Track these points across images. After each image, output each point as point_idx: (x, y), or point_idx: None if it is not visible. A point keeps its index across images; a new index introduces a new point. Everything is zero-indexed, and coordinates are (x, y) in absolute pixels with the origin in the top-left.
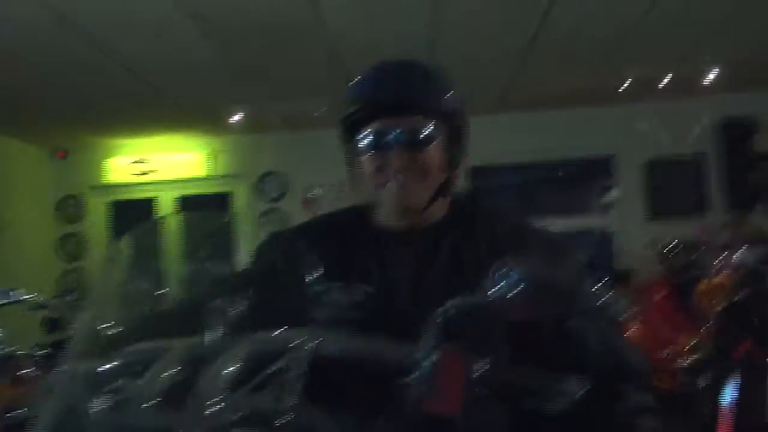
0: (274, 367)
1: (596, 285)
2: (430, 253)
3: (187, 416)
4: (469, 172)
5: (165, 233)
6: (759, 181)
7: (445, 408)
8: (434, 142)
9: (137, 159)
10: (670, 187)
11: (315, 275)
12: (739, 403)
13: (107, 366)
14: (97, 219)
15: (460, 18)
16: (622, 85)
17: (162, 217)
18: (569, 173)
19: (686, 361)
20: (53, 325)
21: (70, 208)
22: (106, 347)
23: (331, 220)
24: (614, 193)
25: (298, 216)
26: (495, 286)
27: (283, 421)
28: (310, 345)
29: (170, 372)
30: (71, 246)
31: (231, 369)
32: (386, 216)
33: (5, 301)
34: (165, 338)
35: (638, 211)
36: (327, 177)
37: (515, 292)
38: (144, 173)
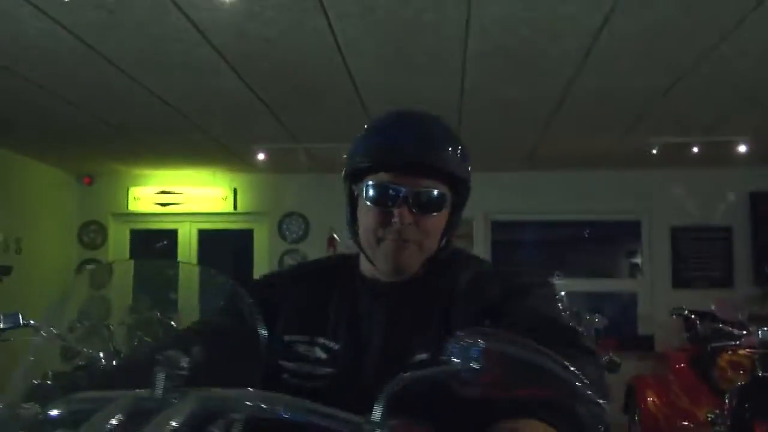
0: (209, 429)
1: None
2: (403, 312)
3: None
4: (490, 225)
5: (117, 277)
6: None
7: None
8: (444, 208)
9: (161, 189)
10: (698, 256)
11: (286, 324)
12: None
13: (50, 412)
14: (118, 246)
15: (488, 80)
16: (650, 150)
17: (113, 263)
18: (596, 234)
19: None
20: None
21: (92, 233)
22: (52, 390)
23: (316, 268)
24: (640, 258)
25: (318, 257)
26: (450, 357)
27: None
28: (252, 407)
29: (109, 425)
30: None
31: (170, 426)
32: (370, 269)
33: (10, 326)
34: (115, 387)
35: (665, 278)
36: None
37: (469, 368)
38: (167, 204)
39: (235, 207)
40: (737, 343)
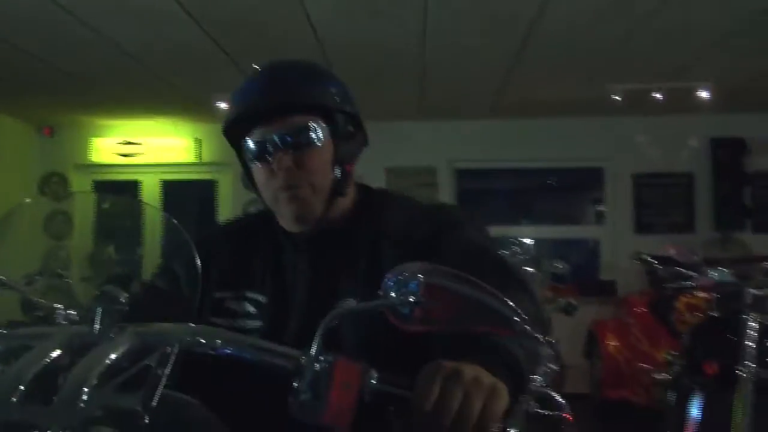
0: (139, 365)
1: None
2: (328, 261)
3: (48, 410)
4: (455, 173)
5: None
6: (747, 200)
7: (333, 421)
8: (317, 140)
9: (123, 140)
10: (659, 202)
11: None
12: (704, 422)
13: None
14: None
15: (450, 28)
16: (612, 97)
17: (73, 193)
18: (561, 181)
19: (661, 376)
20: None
21: (54, 185)
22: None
23: (246, 222)
24: (603, 205)
25: None
26: (388, 291)
27: (144, 421)
28: (189, 341)
29: (46, 360)
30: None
31: (105, 362)
32: (286, 222)
33: None
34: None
35: (626, 224)
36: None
37: (406, 302)
38: (129, 155)
39: (198, 157)
40: (693, 284)
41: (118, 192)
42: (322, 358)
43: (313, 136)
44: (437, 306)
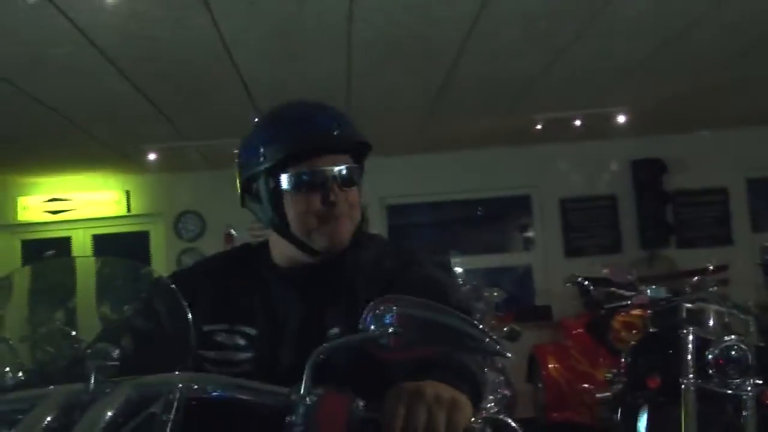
0: (144, 413)
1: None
2: (316, 293)
3: None
4: (386, 209)
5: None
6: (669, 218)
7: None
8: (359, 179)
9: (51, 197)
10: (586, 225)
11: (202, 315)
12: None
13: None
14: (6, 258)
15: (373, 68)
16: (535, 127)
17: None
18: (489, 211)
19: (603, 395)
20: None
21: None
22: None
23: (223, 260)
24: (533, 231)
25: None
26: (368, 325)
27: None
28: (184, 389)
29: (46, 420)
30: None
31: (108, 416)
32: (286, 257)
33: None
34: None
35: (556, 249)
36: (244, 216)
37: (385, 333)
38: (58, 212)
39: (128, 209)
40: (629, 303)
41: (48, 249)
42: (309, 392)
43: (358, 174)
44: (412, 333)
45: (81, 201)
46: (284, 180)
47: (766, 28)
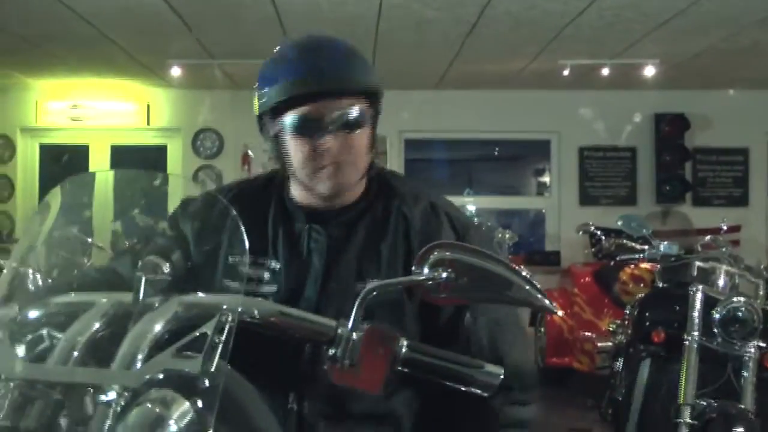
0: (198, 331)
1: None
2: (344, 235)
3: (108, 373)
4: (404, 143)
5: (98, 186)
6: (688, 175)
7: (367, 385)
8: (364, 123)
9: (72, 103)
10: (603, 175)
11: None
12: (652, 386)
13: (30, 314)
14: (27, 161)
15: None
16: (561, 72)
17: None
18: (506, 153)
19: (605, 344)
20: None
21: None
22: (33, 295)
23: (250, 188)
24: (549, 177)
25: (232, 174)
26: (420, 269)
27: (203, 385)
28: (236, 311)
29: (95, 326)
30: (0, 187)
31: (156, 329)
32: (306, 196)
33: None
34: (95, 291)
35: (572, 196)
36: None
37: (442, 277)
38: (78, 120)
39: (148, 122)
40: (641, 256)
41: (63, 154)
42: (357, 326)
43: (362, 119)
44: (464, 280)
45: (101, 110)
46: (282, 123)
47: None
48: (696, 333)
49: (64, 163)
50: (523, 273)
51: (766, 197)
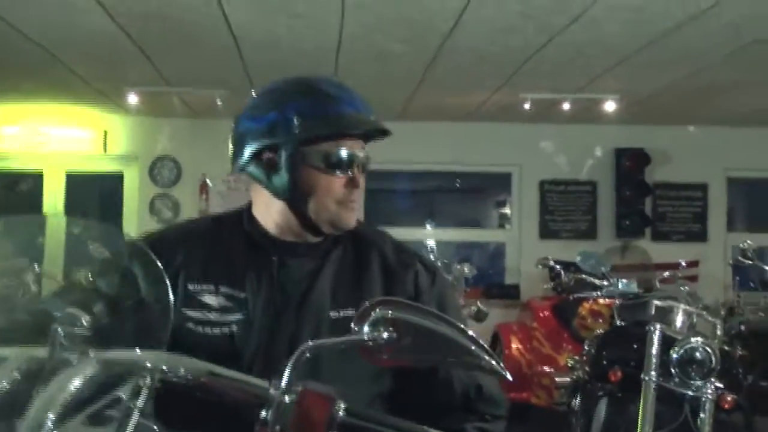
0: (113, 395)
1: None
2: (318, 265)
3: None
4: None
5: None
6: (647, 209)
7: None
8: None
9: (27, 129)
10: (564, 208)
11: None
12: (609, 425)
13: None
14: None
15: (366, 31)
16: (522, 106)
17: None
18: (467, 185)
19: (563, 380)
20: None
21: None
22: None
23: (206, 224)
24: (509, 209)
25: (190, 203)
26: (359, 327)
27: None
28: (156, 370)
29: (2, 384)
30: None
31: (70, 389)
32: (284, 230)
33: None
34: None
35: (532, 229)
36: (221, 167)
37: (383, 337)
38: (32, 145)
39: (105, 149)
40: (599, 294)
41: (16, 182)
42: (290, 389)
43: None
44: (407, 341)
45: (57, 136)
46: (315, 155)
47: (763, 32)
48: (653, 373)
49: (19, 191)
50: (470, 333)
51: (725, 233)
